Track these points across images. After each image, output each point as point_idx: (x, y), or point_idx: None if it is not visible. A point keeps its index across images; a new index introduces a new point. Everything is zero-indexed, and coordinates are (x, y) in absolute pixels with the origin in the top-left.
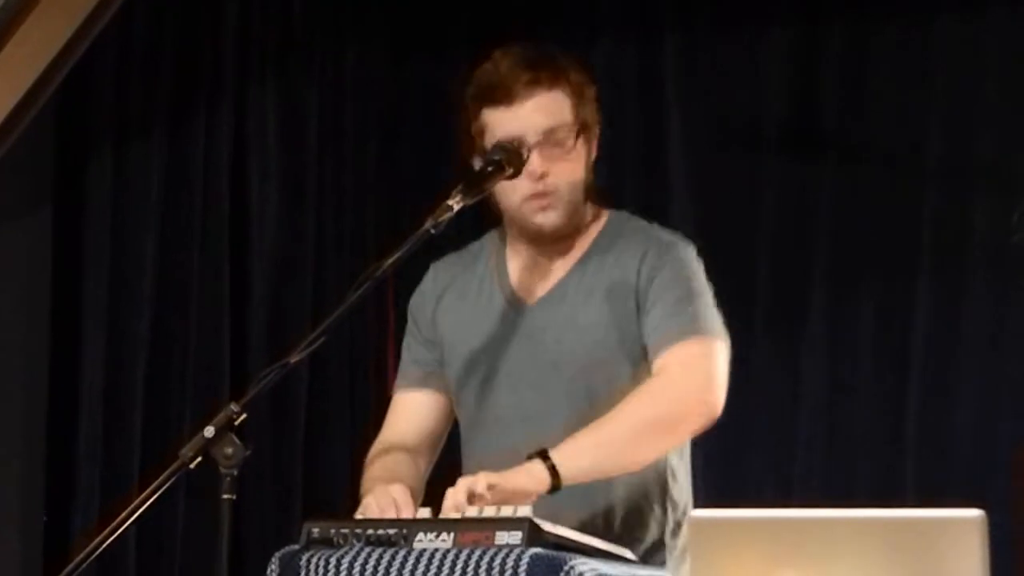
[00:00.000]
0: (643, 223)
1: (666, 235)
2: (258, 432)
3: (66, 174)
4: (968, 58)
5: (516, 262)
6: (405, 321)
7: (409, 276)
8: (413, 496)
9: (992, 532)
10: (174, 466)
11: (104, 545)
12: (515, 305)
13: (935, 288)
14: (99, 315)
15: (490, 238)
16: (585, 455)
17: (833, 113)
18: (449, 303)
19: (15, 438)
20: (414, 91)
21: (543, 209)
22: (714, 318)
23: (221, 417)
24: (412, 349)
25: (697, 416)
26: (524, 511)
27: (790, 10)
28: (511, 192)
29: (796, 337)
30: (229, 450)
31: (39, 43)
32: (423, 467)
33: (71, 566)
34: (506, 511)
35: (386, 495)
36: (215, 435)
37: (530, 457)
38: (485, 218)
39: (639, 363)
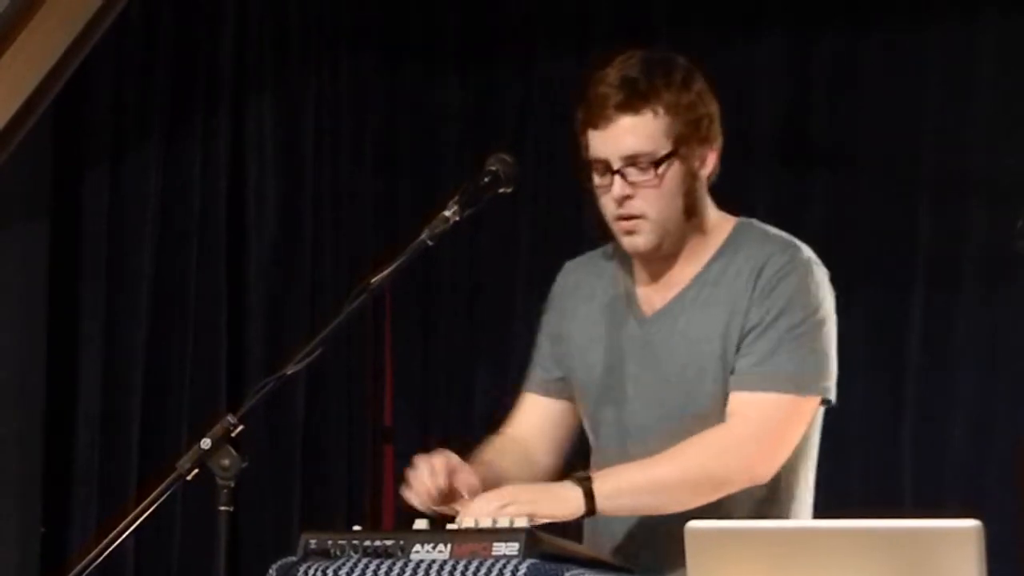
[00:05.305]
0: (770, 233)
1: (790, 250)
2: (255, 443)
3: (63, 184)
4: (960, 65)
5: (642, 272)
6: (402, 332)
7: (406, 287)
8: (488, 480)
9: (989, 542)
10: (171, 478)
11: (101, 557)
12: (636, 315)
13: (929, 296)
14: (96, 326)
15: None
16: (626, 494)
17: (825, 122)
18: (576, 304)
19: (12, 449)
20: (408, 98)
21: (628, 232)
22: (808, 369)
23: (218, 429)
24: (541, 346)
25: (742, 482)
26: (522, 522)
27: (782, 18)
28: (604, 211)
29: None
30: (226, 462)
31: (36, 53)
32: (543, 464)
33: None
34: (503, 522)
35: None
36: (212, 447)
37: (571, 478)
38: None
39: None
